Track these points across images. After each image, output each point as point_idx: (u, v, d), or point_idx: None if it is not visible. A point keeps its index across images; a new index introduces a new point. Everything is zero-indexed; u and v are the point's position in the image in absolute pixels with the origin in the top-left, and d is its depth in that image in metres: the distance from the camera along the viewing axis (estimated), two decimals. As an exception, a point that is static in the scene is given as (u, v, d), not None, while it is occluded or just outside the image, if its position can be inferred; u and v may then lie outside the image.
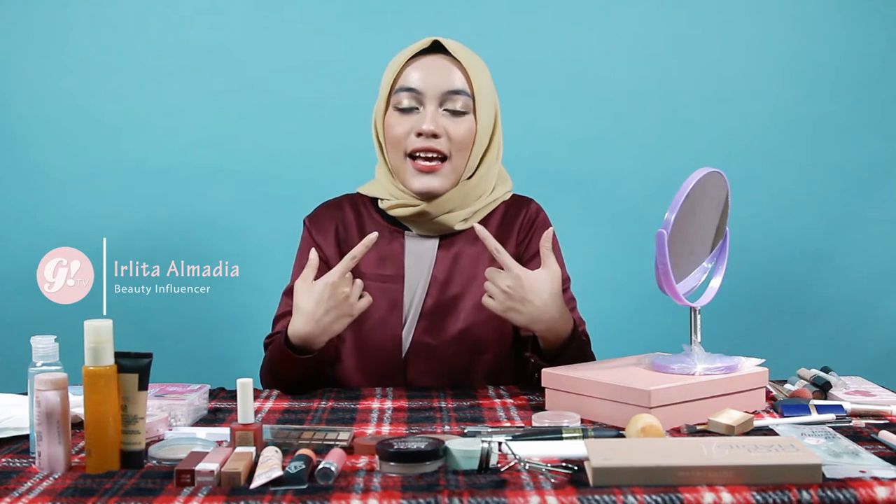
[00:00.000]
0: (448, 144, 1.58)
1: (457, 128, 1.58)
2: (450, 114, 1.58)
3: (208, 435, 1.20)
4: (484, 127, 1.60)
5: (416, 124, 1.57)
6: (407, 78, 1.59)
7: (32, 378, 1.08)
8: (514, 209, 1.69)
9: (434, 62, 1.59)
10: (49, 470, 1.06)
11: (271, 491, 0.96)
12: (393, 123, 1.60)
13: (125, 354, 1.09)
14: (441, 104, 1.58)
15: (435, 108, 1.57)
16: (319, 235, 1.68)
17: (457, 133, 1.58)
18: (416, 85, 1.57)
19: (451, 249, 1.64)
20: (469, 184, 1.62)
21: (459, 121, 1.58)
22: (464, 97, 1.58)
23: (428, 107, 1.57)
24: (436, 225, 1.63)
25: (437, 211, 1.61)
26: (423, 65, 1.59)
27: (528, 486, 0.97)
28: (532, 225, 1.67)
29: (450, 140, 1.58)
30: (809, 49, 2.45)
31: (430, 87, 1.57)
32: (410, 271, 1.64)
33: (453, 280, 1.62)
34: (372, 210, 1.69)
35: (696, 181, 1.30)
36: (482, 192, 1.65)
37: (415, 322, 1.62)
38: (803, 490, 0.94)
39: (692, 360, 1.32)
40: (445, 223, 1.63)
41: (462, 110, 1.58)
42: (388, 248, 1.65)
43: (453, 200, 1.61)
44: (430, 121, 1.56)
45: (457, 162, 1.60)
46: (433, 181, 1.59)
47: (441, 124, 1.57)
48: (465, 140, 1.59)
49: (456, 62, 1.59)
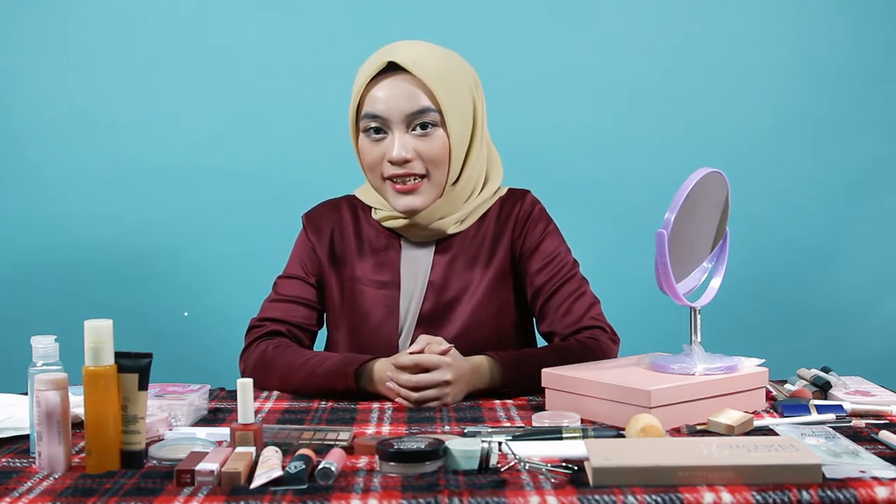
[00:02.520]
0: (423, 164, 1.55)
1: (429, 146, 1.54)
2: (420, 133, 1.54)
3: (208, 435, 1.20)
4: (458, 138, 1.56)
5: (387, 150, 1.55)
6: (371, 103, 1.54)
7: (32, 378, 1.08)
8: (508, 204, 1.66)
9: (395, 84, 1.53)
10: (49, 470, 1.06)
11: (271, 491, 0.96)
12: (366, 150, 1.57)
13: (125, 354, 1.08)
14: (409, 126, 1.54)
15: (403, 131, 1.54)
16: (314, 235, 1.68)
17: (429, 152, 1.54)
18: (380, 111, 1.53)
19: (446, 254, 1.63)
20: (455, 189, 1.60)
21: (430, 138, 1.54)
22: (431, 113, 1.53)
23: (395, 132, 1.54)
24: (430, 231, 1.62)
25: (426, 221, 1.60)
26: (384, 87, 1.53)
27: (528, 486, 0.97)
28: (527, 219, 1.64)
29: (424, 160, 1.55)
30: (810, 49, 2.45)
31: (393, 111, 1.52)
32: (406, 277, 1.63)
33: (450, 284, 1.62)
34: (369, 215, 1.68)
35: (696, 181, 1.30)
36: (471, 191, 1.63)
37: (412, 327, 1.61)
38: (803, 490, 0.94)
39: (692, 360, 1.32)
40: (439, 228, 1.61)
41: (431, 124, 1.54)
42: (384, 254, 1.65)
43: (442, 209, 1.60)
44: (398, 147, 1.53)
45: (436, 178, 1.57)
46: (414, 200, 1.57)
47: (411, 147, 1.54)
48: (439, 156, 1.55)
49: (416, 79, 1.52)
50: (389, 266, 1.64)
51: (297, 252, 1.69)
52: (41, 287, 2.37)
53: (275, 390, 1.54)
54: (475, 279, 1.61)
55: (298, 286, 1.65)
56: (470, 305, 1.59)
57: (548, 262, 1.62)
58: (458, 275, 1.62)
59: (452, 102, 1.55)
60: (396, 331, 1.61)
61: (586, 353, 1.52)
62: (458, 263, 1.63)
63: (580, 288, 1.61)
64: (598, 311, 1.61)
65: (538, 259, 1.62)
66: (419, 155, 1.54)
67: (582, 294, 1.61)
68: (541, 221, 1.64)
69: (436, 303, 1.61)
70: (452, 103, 1.55)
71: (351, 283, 1.64)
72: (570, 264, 1.63)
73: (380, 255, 1.64)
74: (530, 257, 1.62)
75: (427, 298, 1.61)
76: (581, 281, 1.63)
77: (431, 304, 1.61)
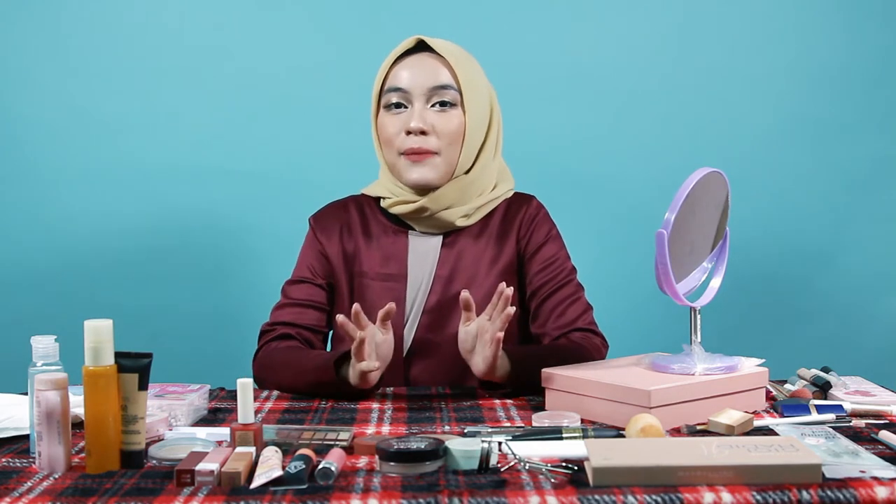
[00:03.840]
0: (438, 141, 1.59)
1: (446, 122, 1.59)
2: (438, 109, 1.59)
3: (208, 435, 1.20)
4: (475, 119, 1.61)
5: (405, 122, 1.59)
6: (394, 78, 1.61)
7: (32, 378, 1.08)
8: (515, 206, 1.70)
9: (420, 60, 1.61)
10: (49, 470, 1.06)
11: (271, 491, 0.96)
12: (385, 123, 1.62)
13: (125, 354, 1.09)
14: (429, 100, 1.59)
15: (422, 104, 1.59)
16: (323, 235, 1.70)
17: (446, 127, 1.59)
18: (403, 84, 1.60)
19: (454, 247, 1.65)
20: (466, 178, 1.63)
21: (448, 115, 1.60)
22: (451, 91, 1.59)
23: (416, 104, 1.59)
24: (437, 222, 1.64)
25: (435, 206, 1.62)
26: (409, 64, 1.61)
27: (528, 486, 0.97)
28: (532, 221, 1.68)
29: (439, 135, 1.59)
30: (810, 49, 2.45)
31: (416, 84, 1.59)
32: (414, 269, 1.65)
33: (456, 277, 1.63)
34: (376, 211, 1.71)
35: (696, 181, 1.30)
36: (482, 188, 1.66)
37: (417, 319, 1.63)
38: (803, 490, 0.94)
39: (692, 360, 1.32)
40: (446, 219, 1.63)
41: (450, 102, 1.60)
42: (392, 247, 1.66)
43: (451, 195, 1.62)
44: (417, 118, 1.58)
45: (449, 155, 1.61)
46: (427, 172, 1.60)
47: (429, 120, 1.59)
48: (454, 134, 1.60)
49: (441, 59, 1.60)
50: (397, 259, 1.65)
51: (305, 255, 1.71)
52: (41, 287, 2.37)
53: (280, 391, 1.54)
54: (481, 274, 1.63)
55: (307, 289, 1.67)
56: (476, 298, 1.60)
57: (547, 265, 1.65)
58: (465, 269, 1.64)
59: (472, 85, 1.61)
60: (401, 323, 1.62)
61: (578, 351, 1.53)
62: (464, 258, 1.65)
63: (575, 293, 1.64)
64: (591, 317, 1.64)
65: (539, 261, 1.65)
66: (435, 130, 1.59)
67: (576, 299, 1.64)
68: (545, 225, 1.68)
69: (442, 295, 1.63)
70: (472, 86, 1.61)
71: (359, 278, 1.66)
72: (569, 270, 1.66)
73: (387, 249, 1.66)
74: (532, 259, 1.66)
75: (433, 291, 1.63)
76: (577, 287, 1.66)
77: (438, 296, 1.63)
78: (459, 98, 1.60)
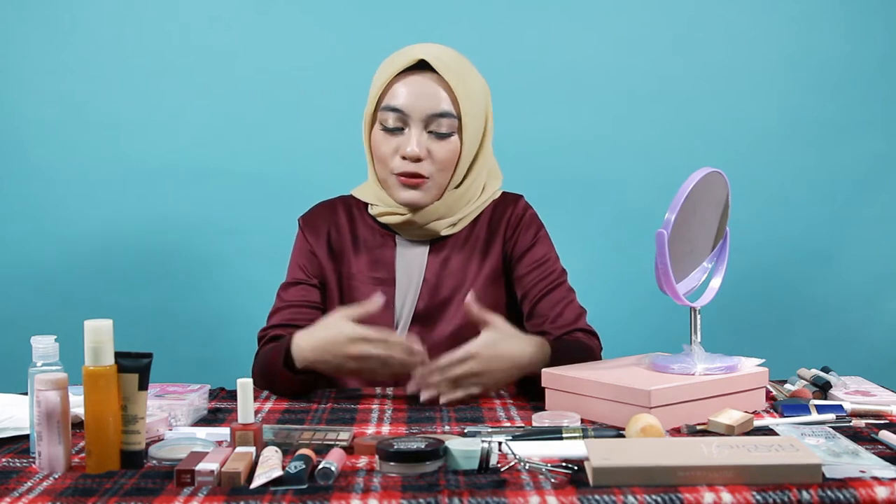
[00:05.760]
0: (431, 167, 1.58)
1: (441, 150, 1.57)
2: (435, 136, 1.57)
3: (208, 435, 1.20)
4: (469, 147, 1.60)
5: (401, 146, 1.57)
6: (393, 96, 1.56)
7: (32, 378, 1.08)
8: (501, 207, 1.68)
9: (421, 82, 1.56)
10: (49, 470, 1.06)
11: (271, 491, 0.96)
12: (379, 141, 1.60)
13: (125, 354, 1.09)
14: (426, 126, 1.56)
15: (420, 130, 1.56)
16: (312, 236, 1.69)
17: (440, 155, 1.57)
18: (402, 106, 1.56)
19: (440, 254, 1.65)
20: (456, 193, 1.62)
21: (444, 143, 1.57)
22: (449, 119, 1.56)
23: (413, 129, 1.56)
24: (424, 231, 1.64)
25: (423, 220, 1.62)
26: (410, 83, 1.56)
27: (528, 486, 0.97)
28: (519, 222, 1.67)
29: (433, 161, 1.57)
30: (810, 49, 2.45)
31: (415, 109, 1.55)
32: (402, 275, 1.65)
33: (443, 284, 1.63)
34: (365, 213, 1.70)
35: (696, 181, 1.30)
36: (470, 198, 1.65)
37: (407, 325, 1.63)
38: (803, 490, 0.94)
39: (692, 360, 1.32)
40: (432, 229, 1.63)
41: (447, 132, 1.57)
42: (379, 251, 1.66)
43: (440, 210, 1.62)
44: (414, 144, 1.55)
45: (439, 180, 1.60)
46: (418, 196, 1.59)
47: (425, 146, 1.56)
48: (448, 161, 1.58)
49: (443, 82, 1.56)
50: (385, 264, 1.65)
51: (296, 256, 1.70)
52: (41, 287, 2.36)
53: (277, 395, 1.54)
54: (469, 279, 1.63)
55: (301, 291, 1.66)
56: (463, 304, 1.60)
57: (537, 266, 1.64)
58: (452, 274, 1.64)
59: (471, 112, 1.58)
60: (392, 326, 1.62)
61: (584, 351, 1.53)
62: (451, 263, 1.64)
63: (568, 296, 1.64)
64: (586, 320, 1.63)
65: (527, 262, 1.64)
66: (431, 156, 1.57)
67: (570, 301, 1.63)
68: (532, 226, 1.67)
69: (430, 301, 1.63)
70: (471, 113, 1.58)
71: (348, 280, 1.66)
72: (559, 271, 1.65)
73: (375, 253, 1.66)
74: (520, 260, 1.65)
75: (422, 297, 1.63)
76: (569, 290, 1.65)
77: (426, 302, 1.63)
78: (458, 125, 1.57)
